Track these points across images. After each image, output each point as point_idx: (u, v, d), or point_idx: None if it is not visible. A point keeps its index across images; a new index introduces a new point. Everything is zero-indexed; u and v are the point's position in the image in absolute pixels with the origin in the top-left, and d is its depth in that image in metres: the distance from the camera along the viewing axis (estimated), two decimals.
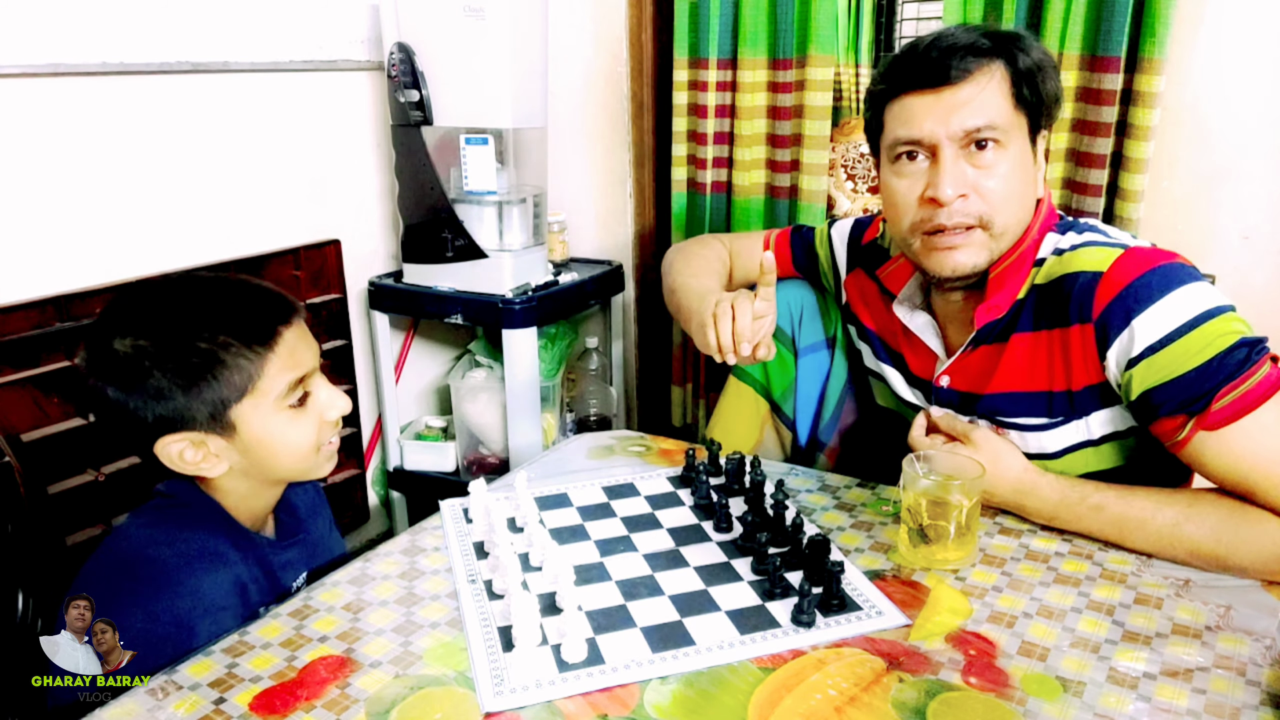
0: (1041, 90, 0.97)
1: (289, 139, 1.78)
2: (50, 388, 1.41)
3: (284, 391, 0.88)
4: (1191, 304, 0.89)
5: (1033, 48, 0.96)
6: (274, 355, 0.88)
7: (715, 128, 1.95)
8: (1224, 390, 0.86)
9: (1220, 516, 0.87)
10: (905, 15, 1.91)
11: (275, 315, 0.90)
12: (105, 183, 1.49)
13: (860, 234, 1.25)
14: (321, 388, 0.93)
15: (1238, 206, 1.59)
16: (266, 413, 0.88)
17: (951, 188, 0.95)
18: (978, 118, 0.94)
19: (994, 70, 0.95)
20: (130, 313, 0.87)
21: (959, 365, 1.07)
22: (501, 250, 1.84)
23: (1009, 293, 1.00)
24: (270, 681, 0.75)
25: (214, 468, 0.88)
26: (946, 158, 0.95)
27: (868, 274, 1.21)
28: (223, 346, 0.85)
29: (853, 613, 0.83)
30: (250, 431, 0.88)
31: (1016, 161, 0.96)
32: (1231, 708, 0.70)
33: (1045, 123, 1.00)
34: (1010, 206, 0.97)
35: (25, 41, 1.36)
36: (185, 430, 0.86)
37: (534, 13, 1.77)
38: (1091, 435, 1.00)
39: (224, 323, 0.86)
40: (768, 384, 1.27)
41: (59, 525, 1.39)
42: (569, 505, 1.04)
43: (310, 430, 0.92)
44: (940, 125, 0.95)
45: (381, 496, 2.12)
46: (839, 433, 1.29)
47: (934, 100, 0.95)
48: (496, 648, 0.78)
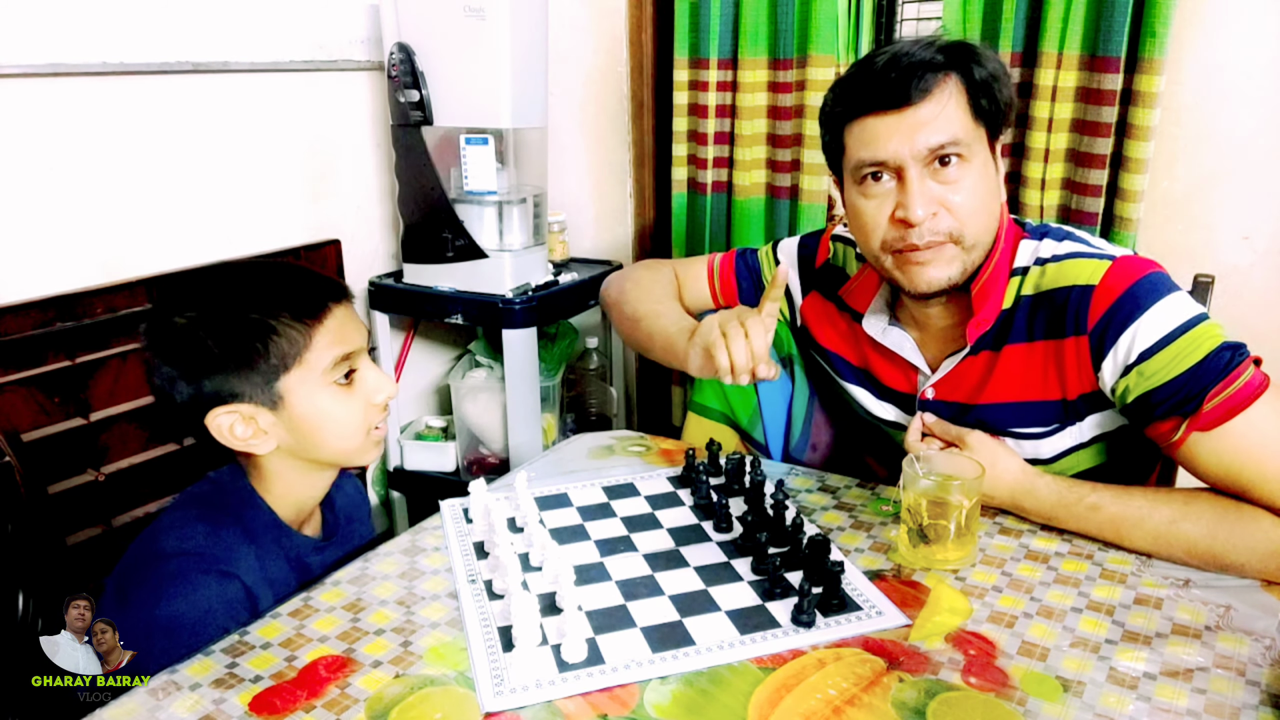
0: (998, 99, 0.97)
1: (289, 139, 1.78)
2: (50, 388, 1.41)
3: (330, 365, 0.90)
4: (1178, 312, 0.91)
5: (986, 58, 0.96)
6: (322, 328, 0.90)
7: (715, 128, 1.95)
8: (1214, 391, 0.88)
9: (1216, 514, 0.88)
10: (905, 15, 1.91)
11: (326, 292, 0.93)
12: (105, 183, 1.49)
13: (811, 255, 1.22)
14: (369, 370, 0.95)
15: (1238, 206, 1.59)
16: (314, 386, 0.90)
17: (922, 208, 0.94)
18: (941, 135, 0.94)
19: (951, 85, 0.95)
20: (190, 290, 0.92)
21: (946, 377, 1.07)
22: (501, 250, 1.84)
23: (994, 304, 1.01)
24: (270, 681, 0.75)
25: (263, 444, 0.90)
26: (913, 178, 0.95)
27: (825, 296, 1.20)
28: (273, 316, 0.88)
29: (853, 613, 0.83)
30: (298, 405, 0.90)
31: (980, 173, 0.97)
32: (1231, 708, 0.70)
33: (1002, 130, 1.00)
34: (979, 218, 0.98)
35: (25, 41, 1.36)
36: (235, 403, 0.88)
37: (534, 13, 1.77)
38: (1082, 439, 1.02)
39: (276, 296, 0.90)
40: (732, 413, 1.24)
41: (59, 525, 1.39)
42: (569, 505, 1.04)
43: (357, 411, 0.93)
44: (904, 145, 0.94)
45: (381, 496, 2.12)
46: (812, 447, 1.27)
47: (896, 120, 0.94)
48: (496, 648, 0.78)
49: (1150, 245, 1.65)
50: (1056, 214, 1.67)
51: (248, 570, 0.89)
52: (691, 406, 1.27)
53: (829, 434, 1.30)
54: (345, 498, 1.07)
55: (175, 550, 0.86)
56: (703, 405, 1.25)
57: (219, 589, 0.85)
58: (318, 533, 1.02)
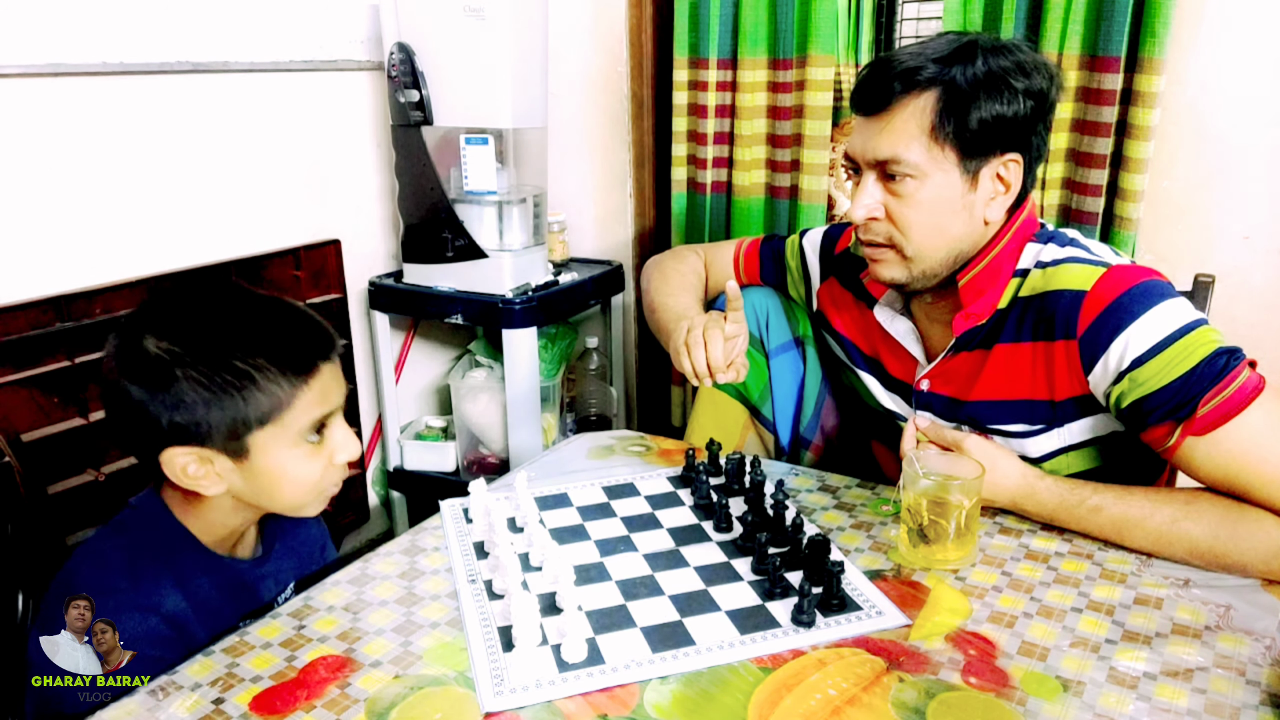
0: (975, 119, 0.94)
1: (289, 139, 1.78)
2: (50, 388, 1.41)
3: (307, 428, 0.86)
4: (1172, 318, 0.92)
5: (977, 70, 0.94)
6: (307, 389, 0.85)
7: (715, 128, 1.95)
8: (1208, 396, 0.88)
9: (1218, 513, 0.88)
10: (905, 15, 1.91)
11: (318, 349, 0.87)
12: (105, 183, 1.49)
13: (832, 244, 1.27)
14: (338, 428, 0.89)
15: (1238, 206, 1.59)
16: (284, 445, 0.85)
17: (861, 210, 1.01)
18: (886, 150, 0.97)
19: (920, 103, 0.95)
20: (168, 314, 0.85)
21: (940, 370, 1.09)
22: (501, 250, 1.84)
23: (988, 301, 1.02)
24: (270, 681, 0.75)
25: (211, 487, 0.85)
26: (865, 180, 1.01)
27: (842, 283, 1.24)
28: (258, 369, 0.82)
29: (853, 613, 0.83)
30: (263, 459, 0.85)
31: (934, 192, 0.98)
32: (1231, 708, 0.70)
33: (997, 147, 0.97)
34: (921, 234, 1.00)
35: (25, 41, 1.36)
36: (196, 445, 0.83)
37: (534, 13, 1.77)
38: (1072, 441, 1.03)
39: (265, 344, 0.83)
40: (743, 387, 1.28)
41: (59, 525, 1.39)
42: (569, 505, 1.04)
43: (317, 469, 0.88)
44: (863, 149, 1.00)
45: (381, 496, 2.12)
46: (821, 429, 1.30)
47: (863, 124, 1.01)
48: (496, 648, 0.78)
49: (1150, 245, 1.65)
50: (1056, 213, 1.67)
51: (169, 600, 0.85)
52: None
53: (836, 419, 1.32)
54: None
55: (90, 588, 0.82)
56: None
57: (139, 624, 0.81)
58: (253, 549, 0.97)
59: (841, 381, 1.29)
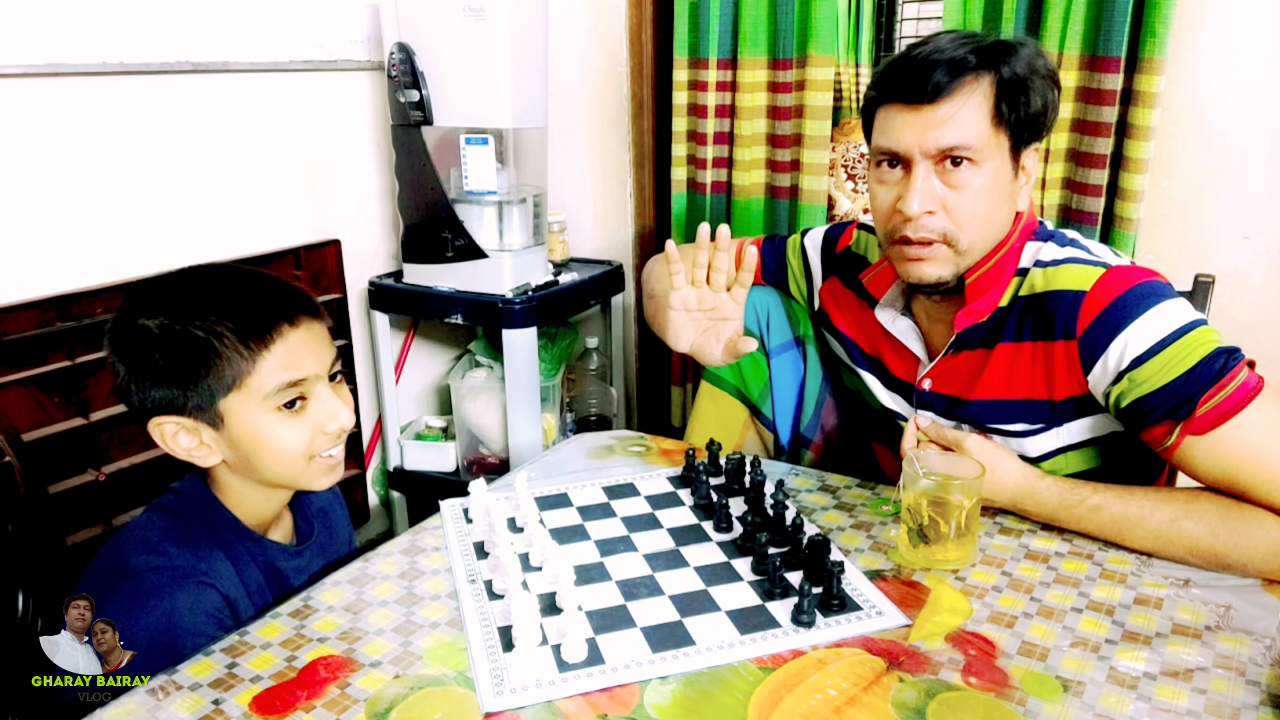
0: (1026, 108, 0.96)
1: (289, 139, 1.78)
2: (51, 387, 1.41)
3: (274, 391, 0.86)
4: (1171, 318, 0.92)
5: (1020, 61, 0.95)
6: (268, 353, 0.86)
7: (715, 128, 1.95)
8: (1207, 395, 0.89)
9: (1218, 513, 0.89)
10: (905, 15, 1.91)
11: (277, 312, 0.87)
12: (105, 183, 1.49)
13: (833, 243, 1.26)
14: (324, 396, 0.90)
15: (1238, 206, 1.59)
16: (254, 411, 0.86)
17: (918, 204, 0.96)
18: (953, 137, 0.95)
19: (976, 88, 0.95)
20: (152, 294, 0.88)
21: (941, 369, 1.08)
22: (501, 250, 1.84)
23: (990, 299, 1.02)
24: (270, 681, 0.75)
25: (207, 457, 0.89)
26: (918, 173, 0.96)
27: (844, 282, 1.23)
28: (217, 337, 0.84)
29: (853, 613, 0.83)
30: (238, 426, 0.87)
31: (990, 179, 0.97)
32: (1231, 708, 0.70)
33: (1031, 137, 0.99)
34: (977, 224, 0.98)
35: (25, 41, 1.36)
36: (177, 415, 0.86)
37: (534, 13, 1.77)
38: (1071, 440, 1.03)
39: (223, 313, 0.85)
40: (744, 386, 1.28)
41: (59, 525, 1.39)
42: (569, 505, 1.04)
43: (302, 437, 0.88)
44: (916, 141, 0.96)
45: (381, 496, 2.12)
46: (821, 429, 1.30)
47: (914, 115, 0.96)
48: (496, 648, 0.78)
49: (1150, 245, 1.65)
50: (1057, 213, 1.67)
51: (223, 578, 0.87)
52: (705, 375, 1.31)
53: (837, 418, 1.32)
54: (320, 499, 1.04)
55: (146, 565, 0.84)
56: (716, 374, 1.30)
57: (198, 599, 0.83)
58: (289, 538, 1.00)
59: (842, 381, 1.29)
